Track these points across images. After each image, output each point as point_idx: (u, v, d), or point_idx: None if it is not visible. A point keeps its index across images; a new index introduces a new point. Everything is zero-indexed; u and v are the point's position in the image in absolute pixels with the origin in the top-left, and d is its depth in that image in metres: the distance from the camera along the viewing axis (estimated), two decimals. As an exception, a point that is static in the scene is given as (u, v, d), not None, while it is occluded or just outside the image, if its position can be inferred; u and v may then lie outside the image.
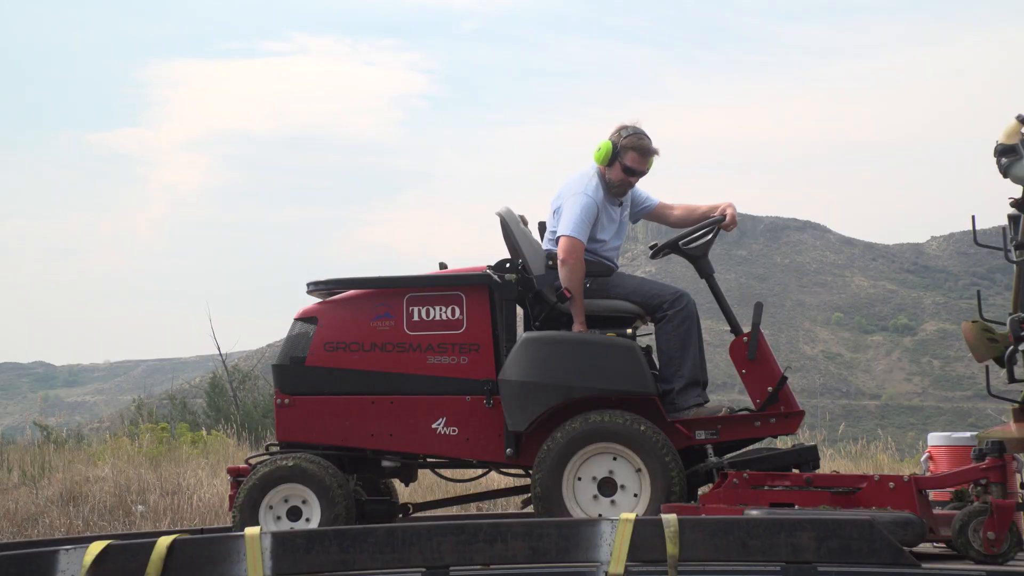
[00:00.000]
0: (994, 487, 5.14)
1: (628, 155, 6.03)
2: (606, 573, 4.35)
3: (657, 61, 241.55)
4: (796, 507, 5.28)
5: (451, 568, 4.42)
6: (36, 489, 9.44)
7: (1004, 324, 5.43)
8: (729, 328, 5.99)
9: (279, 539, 4.42)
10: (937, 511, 5.49)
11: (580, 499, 5.61)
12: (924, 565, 4.58)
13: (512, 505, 8.59)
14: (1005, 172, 5.54)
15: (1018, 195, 5.58)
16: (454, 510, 7.89)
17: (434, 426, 5.83)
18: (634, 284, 6.05)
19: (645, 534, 4.39)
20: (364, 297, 5.98)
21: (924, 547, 6.28)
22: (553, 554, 4.40)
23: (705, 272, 6.04)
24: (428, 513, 7.07)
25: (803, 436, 13.30)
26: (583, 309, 5.87)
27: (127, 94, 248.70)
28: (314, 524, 5.68)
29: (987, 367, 5.46)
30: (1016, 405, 5.43)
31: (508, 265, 5.90)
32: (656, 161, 6.11)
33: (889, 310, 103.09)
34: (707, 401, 5.91)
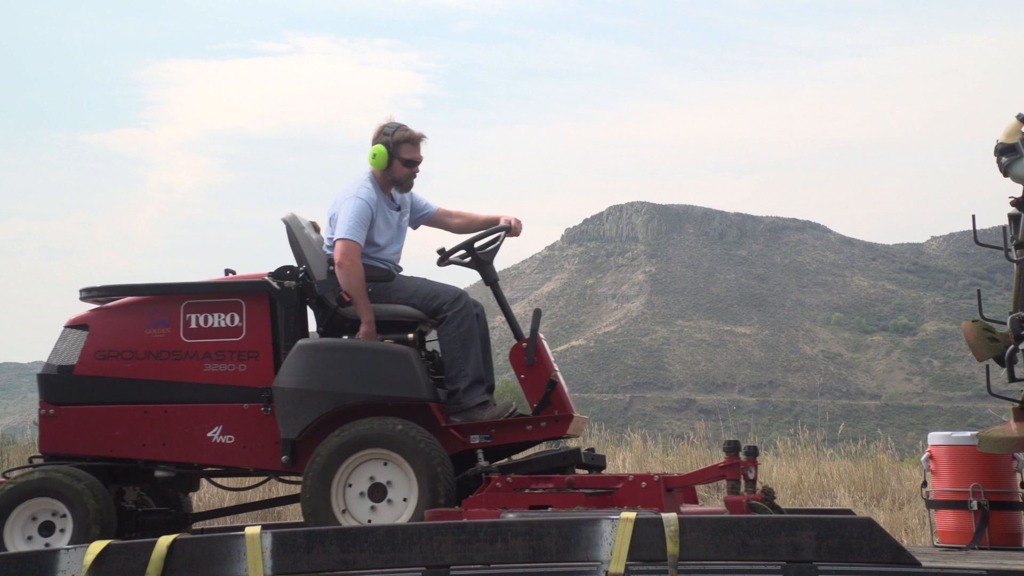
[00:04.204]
0: (729, 484, 5.31)
1: (402, 148, 6.00)
2: (606, 572, 4.34)
3: (651, 61, 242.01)
4: (551, 509, 5.33)
5: (451, 567, 4.41)
6: (36, 489, 9.40)
7: (1004, 323, 5.44)
8: (513, 334, 5.92)
9: (279, 538, 4.42)
10: (687, 507, 5.52)
11: (350, 505, 5.57)
12: (924, 564, 4.58)
13: (292, 514, 8.34)
14: (1005, 171, 5.55)
15: (1018, 194, 5.59)
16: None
17: (210, 435, 5.76)
18: (414, 286, 5.99)
19: (645, 533, 4.38)
20: (140, 304, 5.89)
21: (925, 547, 6.28)
22: (553, 553, 4.40)
23: (490, 279, 6.03)
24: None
25: (803, 435, 13.28)
26: (369, 309, 5.81)
27: (124, 94, 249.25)
28: (67, 539, 5.50)
29: (987, 366, 5.47)
30: (1016, 404, 5.44)
31: (288, 271, 5.87)
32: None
33: (889, 310, 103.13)
34: (491, 401, 5.85)
